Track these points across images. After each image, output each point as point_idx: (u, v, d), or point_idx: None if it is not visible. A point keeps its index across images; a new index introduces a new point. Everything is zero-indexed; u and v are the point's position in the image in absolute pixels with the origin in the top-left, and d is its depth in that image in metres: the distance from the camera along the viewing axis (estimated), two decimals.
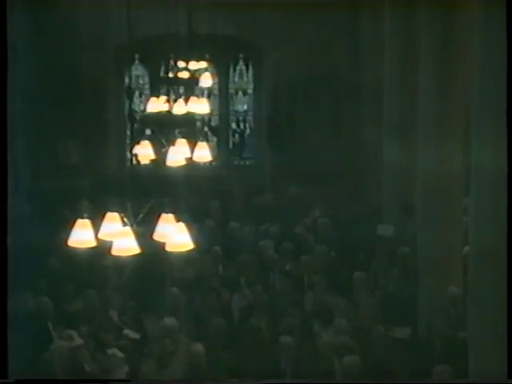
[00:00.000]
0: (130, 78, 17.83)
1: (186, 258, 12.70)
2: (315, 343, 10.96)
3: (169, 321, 10.58)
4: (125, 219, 8.75)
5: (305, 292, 12.29)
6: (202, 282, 12.39)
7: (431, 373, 9.31)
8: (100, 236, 8.86)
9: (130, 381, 6.09)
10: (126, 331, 10.92)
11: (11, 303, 10.52)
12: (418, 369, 9.86)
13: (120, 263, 12.06)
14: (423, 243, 11.26)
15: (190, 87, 13.44)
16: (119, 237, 8.80)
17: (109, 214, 8.62)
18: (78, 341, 9.95)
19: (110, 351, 10.02)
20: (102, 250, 10.39)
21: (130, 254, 9.16)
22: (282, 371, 9.94)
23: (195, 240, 11.26)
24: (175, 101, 12.44)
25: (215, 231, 14.20)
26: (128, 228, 8.75)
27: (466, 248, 10.53)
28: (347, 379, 9.54)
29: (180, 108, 12.49)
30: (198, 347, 10.10)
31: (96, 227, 8.82)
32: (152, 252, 10.96)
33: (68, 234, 9.12)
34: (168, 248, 9.73)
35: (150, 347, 10.63)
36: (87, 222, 8.43)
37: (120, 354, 9.85)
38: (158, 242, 9.58)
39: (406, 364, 9.87)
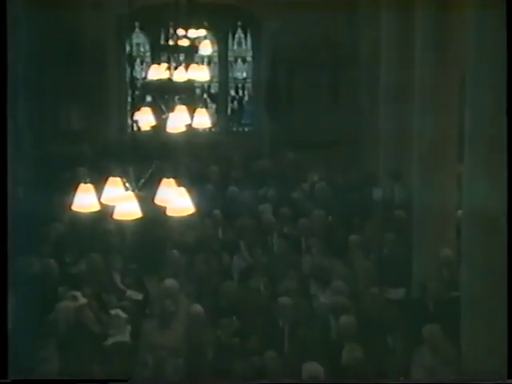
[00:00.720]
0: (131, 46, 17.93)
1: (186, 221, 12.93)
2: (312, 304, 11.20)
3: (170, 282, 10.81)
4: (126, 184, 8.95)
5: (302, 254, 12.51)
6: (203, 245, 12.60)
7: (423, 332, 9.55)
8: (102, 200, 9.06)
9: (127, 380, 6.29)
10: (128, 293, 11.14)
11: (16, 266, 10.76)
12: (411, 328, 10.12)
13: (122, 227, 12.30)
14: (418, 207, 11.44)
15: (190, 55, 13.57)
16: (121, 201, 8.99)
17: (111, 179, 8.81)
18: (82, 300, 10.18)
19: (113, 312, 10.25)
20: (105, 214, 10.62)
21: (132, 218, 9.36)
22: (281, 330, 10.15)
23: (195, 204, 11.48)
24: (175, 68, 12.56)
25: (215, 196, 14.36)
26: (130, 192, 8.94)
27: (460, 211, 10.75)
28: (343, 339, 9.77)
29: (180, 75, 12.63)
30: (198, 308, 10.33)
31: (98, 192, 9.02)
32: (153, 216, 11.18)
33: (71, 199, 9.34)
34: (169, 212, 9.93)
35: (151, 308, 10.85)
36: (89, 186, 8.63)
37: (123, 315, 10.08)
38: (159, 206, 9.80)
39: (400, 324, 10.10)
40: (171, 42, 12.84)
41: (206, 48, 14.90)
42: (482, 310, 9.24)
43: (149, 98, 14.12)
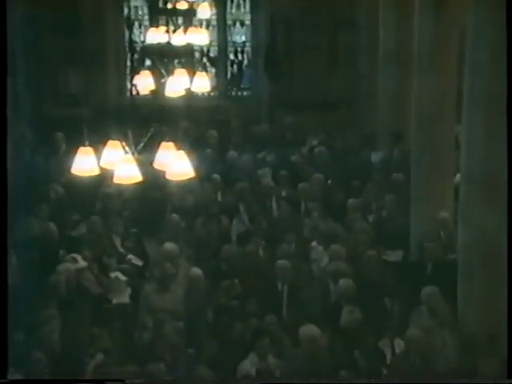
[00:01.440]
0: (129, 9, 17.86)
1: (185, 185, 12.95)
2: (311, 267, 11.26)
3: (169, 246, 10.86)
4: (126, 148, 8.95)
5: (301, 218, 12.55)
6: (202, 209, 12.63)
7: (422, 294, 9.61)
8: (102, 164, 9.07)
9: (124, 380, 6.35)
10: (129, 256, 11.20)
11: (17, 229, 10.80)
12: (409, 290, 10.18)
13: (122, 191, 12.32)
14: (416, 170, 11.45)
15: (189, 18, 13.51)
16: (121, 165, 9.02)
17: (110, 142, 8.82)
18: (82, 263, 10.24)
19: (113, 274, 10.31)
20: (104, 177, 10.64)
21: (132, 181, 9.38)
22: (279, 293, 10.21)
23: (195, 168, 11.49)
24: (174, 31, 12.52)
25: (214, 160, 14.38)
26: (129, 156, 8.96)
27: (458, 175, 10.76)
28: (342, 302, 9.84)
29: (179, 39, 12.59)
30: (197, 271, 10.39)
31: (98, 155, 9.03)
32: (153, 180, 11.21)
33: (70, 162, 9.35)
34: (168, 176, 9.95)
35: (151, 271, 10.91)
36: (89, 149, 8.64)
37: (123, 277, 10.14)
38: (159, 170, 9.81)
39: (399, 286, 10.17)
40: (169, 5, 12.79)
41: (205, 11, 14.83)
42: (479, 272, 9.29)
43: (148, 62, 14.06)
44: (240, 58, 18.37)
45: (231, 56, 18.38)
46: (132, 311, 10.01)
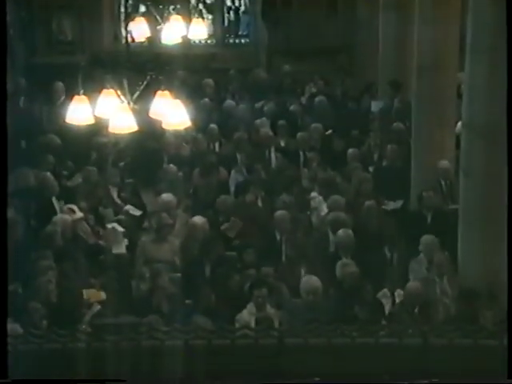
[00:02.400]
0: None
1: (182, 135, 12.85)
2: (310, 218, 11.21)
3: (166, 196, 10.79)
4: (121, 96, 8.83)
5: (300, 168, 12.46)
6: (199, 160, 12.54)
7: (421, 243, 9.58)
8: (97, 113, 8.96)
9: (125, 380, 6.31)
10: (126, 207, 11.13)
11: (11, 180, 10.71)
12: (409, 239, 10.15)
13: (118, 140, 12.21)
14: (417, 119, 11.34)
15: None
16: (116, 114, 8.90)
17: (105, 91, 8.70)
18: (79, 214, 10.17)
19: (109, 225, 10.25)
20: (100, 127, 10.52)
21: (128, 131, 9.27)
22: (278, 243, 10.16)
23: (191, 118, 11.37)
24: None
25: (211, 109, 14.25)
26: (125, 105, 8.83)
27: (459, 124, 10.66)
28: (341, 252, 9.80)
29: None
30: (197, 219, 10.33)
31: (93, 104, 8.91)
32: (149, 129, 11.09)
33: (65, 111, 9.22)
34: (165, 125, 9.84)
35: (149, 222, 10.85)
36: (84, 98, 8.52)
37: (120, 228, 10.08)
38: (155, 119, 9.69)
39: (399, 236, 10.12)
40: None
41: None
42: (480, 222, 9.24)
43: (143, 8, 13.90)
44: (237, 4, 18.10)
45: (228, 2, 18.12)
46: (129, 262, 9.97)
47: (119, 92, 8.69)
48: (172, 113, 9.09)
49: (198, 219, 10.35)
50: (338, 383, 5.85)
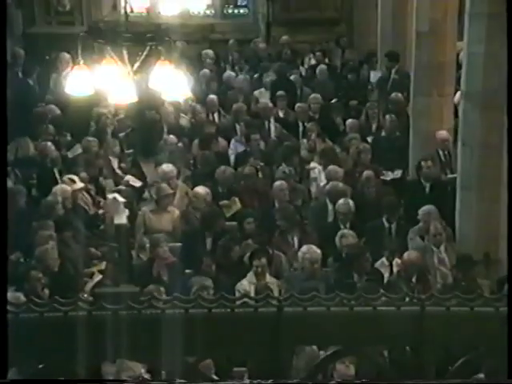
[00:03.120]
0: None
1: (182, 106, 12.85)
2: (309, 188, 11.24)
3: (166, 167, 10.80)
4: (121, 67, 8.82)
5: (299, 139, 12.48)
6: (199, 130, 12.55)
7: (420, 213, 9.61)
8: (97, 84, 8.96)
9: (126, 381, 6.39)
10: (126, 177, 11.15)
11: (11, 149, 10.74)
12: (407, 208, 10.19)
13: (117, 111, 12.21)
14: (416, 88, 11.32)
15: None
16: (116, 84, 8.90)
17: (105, 61, 8.70)
18: (79, 184, 10.19)
19: (110, 196, 10.28)
20: (99, 97, 10.51)
21: (127, 101, 9.28)
22: (275, 213, 10.19)
23: (191, 88, 11.35)
24: None
25: (211, 80, 14.22)
26: (124, 75, 8.83)
27: (458, 93, 10.66)
28: (340, 223, 9.84)
29: None
30: (200, 189, 10.35)
31: (93, 75, 8.90)
32: (149, 100, 11.09)
33: (65, 82, 9.22)
34: (164, 96, 9.84)
35: (149, 192, 10.87)
36: (84, 68, 8.51)
37: (120, 199, 10.10)
38: (155, 89, 9.68)
39: (397, 206, 10.15)
40: None
41: None
42: (478, 191, 9.28)
43: None
44: None
45: None
46: (130, 232, 10.01)
47: (119, 62, 8.68)
48: (171, 83, 9.09)
49: (201, 189, 10.37)
50: (339, 383, 5.95)
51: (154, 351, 4.16)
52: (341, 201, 9.96)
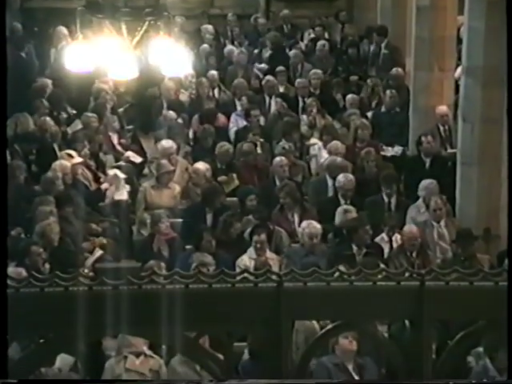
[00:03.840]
0: None
1: (182, 81, 12.81)
2: (309, 164, 11.24)
3: (166, 143, 10.79)
4: (120, 42, 8.79)
5: (299, 114, 12.44)
6: (199, 106, 12.51)
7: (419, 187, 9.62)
8: (96, 59, 8.94)
9: (132, 381, 6.41)
10: (127, 153, 11.14)
11: (11, 125, 10.71)
12: (408, 183, 10.20)
13: (117, 86, 12.17)
14: (417, 63, 11.27)
15: None
16: (115, 60, 8.88)
17: (104, 37, 8.68)
18: (78, 160, 10.17)
19: (110, 171, 10.28)
20: (99, 73, 10.49)
21: (127, 77, 9.26)
22: (277, 190, 10.19)
23: (191, 64, 11.31)
24: None
25: (210, 55, 14.16)
26: (124, 51, 8.81)
27: (459, 68, 10.63)
28: (339, 198, 9.83)
29: None
30: (200, 165, 10.35)
31: (92, 50, 8.88)
32: (148, 75, 11.06)
33: (64, 57, 9.19)
34: (164, 71, 9.82)
35: (149, 168, 10.86)
36: (83, 44, 8.49)
37: (121, 175, 10.10)
38: (154, 65, 9.66)
39: (397, 181, 10.15)
40: None
41: None
42: (477, 165, 9.28)
43: None
44: None
45: None
46: (130, 208, 10.02)
47: (118, 37, 8.65)
48: (171, 59, 9.07)
49: (201, 165, 10.36)
50: (341, 383, 5.98)
51: (155, 326, 4.17)
52: (341, 175, 9.94)
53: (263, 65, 14.06)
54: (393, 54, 12.85)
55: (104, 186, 9.95)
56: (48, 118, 11.10)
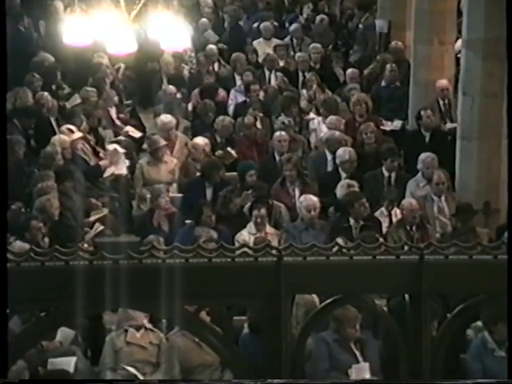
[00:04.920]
0: None
1: (181, 56, 12.77)
2: (309, 138, 11.23)
3: (165, 117, 10.75)
4: (119, 15, 8.77)
5: (299, 89, 12.41)
6: (198, 80, 12.47)
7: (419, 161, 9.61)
8: (94, 33, 8.90)
9: (133, 381, 6.43)
10: (126, 128, 11.12)
11: (9, 99, 10.68)
12: (407, 158, 10.19)
13: (116, 60, 12.12)
14: (417, 36, 11.22)
15: None
16: (114, 34, 8.85)
17: (102, 10, 8.66)
18: (78, 134, 10.15)
19: (110, 146, 10.26)
20: (97, 47, 10.44)
21: (126, 51, 9.23)
22: (276, 164, 10.18)
23: (190, 38, 11.26)
24: None
25: (209, 29, 14.11)
26: (123, 24, 8.78)
27: (459, 41, 10.60)
28: (339, 172, 9.83)
29: None
30: (199, 140, 10.33)
31: (90, 24, 8.84)
32: (147, 49, 11.02)
33: (62, 31, 9.13)
34: (163, 45, 9.78)
35: (148, 143, 10.81)
36: (81, 17, 8.46)
37: (120, 150, 10.08)
38: (153, 39, 9.63)
39: (397, 155, 10.14)
40: None
41: None
42: (477, 139, 9.28)
43: None
44: None
45: None
46: (130, 183, 10.01)
47: (116, 11, 8.63)
48: (170, 33, 9.04)
49: (200, 140, 10.34)
50: (341, 382, 6.00)
51: (155, 300, 4.19)
52: (341, 149, 9.92)
53: (261, 39, 13.89)
54: (370, 30, 12.76)
55: (103, 162, 9.92)
56: (45, 93, 11.05)
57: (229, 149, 10.45)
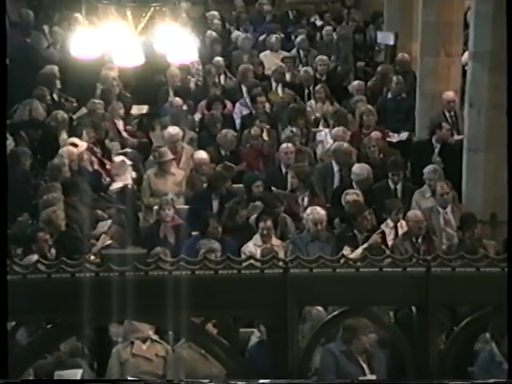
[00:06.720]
0: None
1: (188, 68, 12.79)
2: (315, 150, 11.24)
3: (172, 129, 10.77)
4: (126, 29, 8.79)
5: (305, 101, 12.42)
6: (204, 92, 12.49)
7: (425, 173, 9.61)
8: (102, 46, 8.92)
9: (137, 380, 6.45)
10: (132, 140, 11.14)
11: (17, 112, 10.71)
12: (414, 169, 10.18)
13: (123, 73, 12.15)
14: (423, 48, 11.24)
15: None
16: (121, 46, 8.87)
17: (110, 23, 8.67)
18: (82, 147, 10.15)
19: (116, 158, 10.28)
20: (105, 59, 10.47)
21: (133, 63, 9.25)
22: (283, 175, 10.18)
23: (197, 50, 11.28)
24: None
25: (216, 41, 14.12)
26: (130, 37, 8.80)
27: (466, 54, 10.60)
28: (345, 184, 9.83)
29: None
30: (203, 154, 10.35)
31: (98, 36, 8.87)
32: (154, 62, 11.04)
33: (70, 43, 9.17)
34: (170, 58, 9.81)
35: (154, 155, 10.82)
36: (89, 30, 8.49)
37: (128, 161, 10.10)
38: (160, 51, 9.65)
39: (403, 167, 10.14)
40: None
41: None
42: (484, 151, 9.27)
43: None
44: None
45: None
46: (136, 195, 10.03)
47: (124, 24, 8.65)
48: (177, 45, 9.06)
49: (202, 154, 10.34)
50: (341, 382, 6.00)
51: (161, 312, 4.18)
52: (357, 167, 9.86)
53: (268, 52, 13.91)
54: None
55: (110, 173, 9.94)
56: (62, 112, 11.02)
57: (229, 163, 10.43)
